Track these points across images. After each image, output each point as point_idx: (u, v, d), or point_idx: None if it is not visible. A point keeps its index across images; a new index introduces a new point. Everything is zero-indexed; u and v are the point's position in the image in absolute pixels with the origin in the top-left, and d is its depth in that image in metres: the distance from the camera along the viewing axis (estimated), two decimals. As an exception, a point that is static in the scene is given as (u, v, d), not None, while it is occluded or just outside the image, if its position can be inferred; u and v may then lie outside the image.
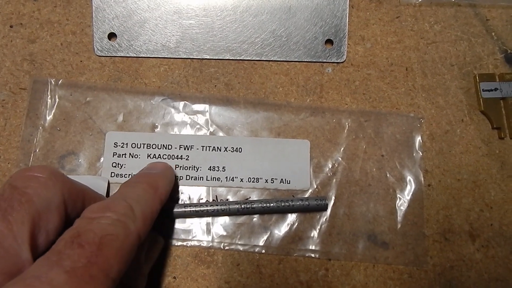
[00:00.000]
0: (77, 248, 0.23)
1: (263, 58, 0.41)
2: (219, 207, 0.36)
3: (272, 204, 0.36)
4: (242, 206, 0.36)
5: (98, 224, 0.25)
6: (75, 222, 0.25)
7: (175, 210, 0.36)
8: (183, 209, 0.36)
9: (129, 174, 0.38)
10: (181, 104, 0.39)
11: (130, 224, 0.26)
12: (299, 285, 0.36)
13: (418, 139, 0.39)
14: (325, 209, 0.37)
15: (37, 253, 0.24)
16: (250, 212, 0.37)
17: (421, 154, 0.39)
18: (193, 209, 0.36)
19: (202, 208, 0.36)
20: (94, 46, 0.40)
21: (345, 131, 0.39)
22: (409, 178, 0.38)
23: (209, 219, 0.37)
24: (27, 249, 0.23)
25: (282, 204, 0.36)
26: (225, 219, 0.37)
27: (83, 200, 0.29)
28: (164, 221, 0.36)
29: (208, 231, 0.37)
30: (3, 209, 0.24)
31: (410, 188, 0.38)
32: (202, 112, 0.39)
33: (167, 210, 0.35)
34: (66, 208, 0.27)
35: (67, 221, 0.27)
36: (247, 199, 0.37)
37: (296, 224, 0.37)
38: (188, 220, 0.37)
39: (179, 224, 0.37)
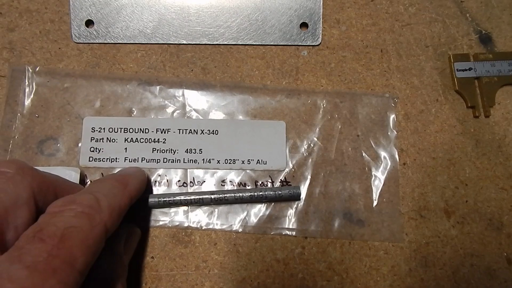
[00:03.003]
0: (37, 243, 0.22)
1: (239, 42, 0.41)
2: (192, 198, 0.36)
3: (245, 195, 0.36)
4: (215, 196, 0.36)
5: (61, 217, 0.24)
6: (39, 218, 0.25)
7: (150, 200, 0.36)
8: (157, 199, 0.36)
9: (107, 158, 0.38)
10: (157, 88, 0.40)
11: (95, 216, 0.26)
12: (275, 263, 0.36)
13: (393, 118, 0.39)
14: (299, 198, 0.37)
15: (6, 249, 0.23)
16: (223, 202, 0.37)
17: (396, 133, 0.39)
18: (166, 199, 0.36)
19: (175, 198, 0.36)
20: (72, 33, 0.41)
21: (321, 112, 0.40)
22: (384, 157, 0.39)
23: (185, 199, 0.37)
24: None
25: (255, 194, 0.36)
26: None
27: (55, 193, 0.28)
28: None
29: (185, 211, 0.37)
30: None
31: (385, 167, 0.39)
32: (179, 96, 0.40)
33: (142, 201, 0.36)
34: (36, 202, 0.27)
35: (38, 215, 0.26)
36: (220, 190, 0.37)
37: (273, 203, 0.38)
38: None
39: (156, 206, 0.37)
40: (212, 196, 0.36)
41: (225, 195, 0.36)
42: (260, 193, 0.36)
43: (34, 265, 0.21)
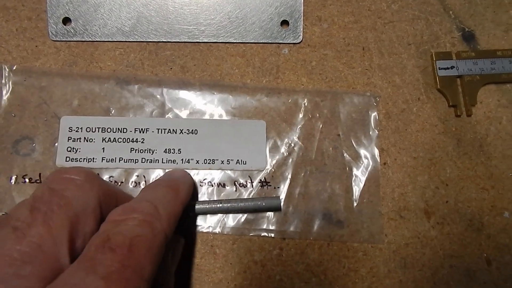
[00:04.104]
0: (108, 253, 0.23)
1: (219, 40, 0.40)
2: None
3: (225, 205, 0.36)
4: (196, 206, 0.36)
5: (125, 226, 0.25)
6: (101, 226, 0.25)
7: (196, 207, 0.36)
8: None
9: (84, 159, 0.38)
10: (136, 87, 0.39)
11: (156, 224, 0.26)
12: (253, 264, 0.36)
13: (374, 117, 0.39)
14: (279, 209, 0.37)
15: (75, 257, 0.24)
16: (201, 213, 0.37)
17: (377, 133, 0.39)
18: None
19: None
20: (49, 31, 0.40)
21: (301, 111, 0.39)
22: (365, 156, 0.38)
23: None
24: (65, 253, 0.24)
25: (236, 204, 0.36)
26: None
27: (116, 202, 0.28)
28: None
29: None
30: (43, 213, 0.24)
31: (366, 167, 0.38)
32: (158, 95, 0.39)
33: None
34: (101, 211, 0.27)
35: (101, 224, 0.26)
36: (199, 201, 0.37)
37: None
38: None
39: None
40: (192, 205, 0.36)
41: (206, 205, 0.36)
42: (240, 204, 0.36)
43: (108, 275, 0.22)
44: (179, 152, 0.38)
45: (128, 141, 0.38)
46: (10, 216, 0.24)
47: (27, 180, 0.37)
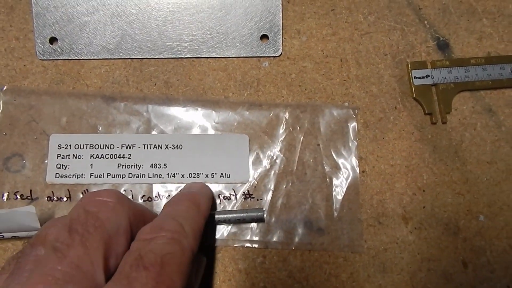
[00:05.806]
0: (143, 271, 0.24)
1: (201, 55, 0.42)
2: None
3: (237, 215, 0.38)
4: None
5: (155, 244, 0.26)
6: (132, 245, 0.27)
7: (216, 216, 0.38)
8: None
9: (73, 175, 0.39)
10: (122, 104, 0.40)
11: (183, 241, 0.27)
12: (237, 273, 0.38)
13: (353, 127, 0.40)
14: (263, 220, 0.38)
15: (108, 276, 0.25)
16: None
17: (356, 144, 0.40)
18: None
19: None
20: (36, 51, 0.41)
21: (283, 124, 0.41)
22: (344, 165, 0.40)
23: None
24: (101, 272, 0.25)
25: (219, 216, 0.37)
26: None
27: (144, 221, 0.30)
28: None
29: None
30: (81, 234, 0.25)
31: (345, 176, 0.40)
32: (143, 112, 0.40)
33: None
34: (131, 230, 0.28)
35: (131, 242, 0.28)
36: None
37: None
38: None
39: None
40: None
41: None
42: (224, 216, 0.37)
43: None
44: (165, 166, 0.39)
45: (115, 157, 0.39)
46: (46, 236, 0.26)
47: (18, 196, 0.38)
